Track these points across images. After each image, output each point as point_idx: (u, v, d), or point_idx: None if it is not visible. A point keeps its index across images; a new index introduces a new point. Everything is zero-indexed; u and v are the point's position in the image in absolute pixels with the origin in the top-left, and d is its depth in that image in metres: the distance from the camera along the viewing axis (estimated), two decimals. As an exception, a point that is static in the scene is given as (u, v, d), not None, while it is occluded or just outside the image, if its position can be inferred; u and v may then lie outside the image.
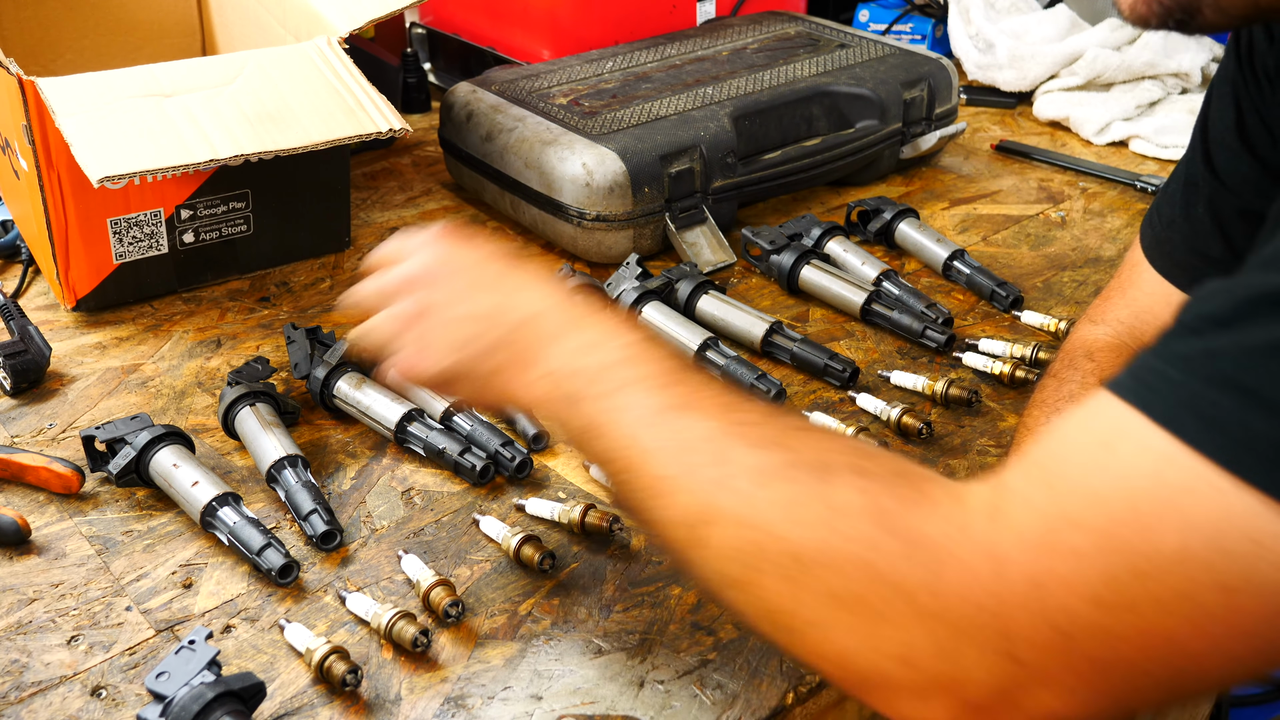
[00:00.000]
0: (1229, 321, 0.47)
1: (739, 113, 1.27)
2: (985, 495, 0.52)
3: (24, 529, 0.83)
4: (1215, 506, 0.45)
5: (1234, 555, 0.45)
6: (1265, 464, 0.44)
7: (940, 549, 0.52)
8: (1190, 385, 0.46)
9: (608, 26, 1.55)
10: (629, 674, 0.74)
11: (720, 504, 0.57)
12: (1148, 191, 1.39)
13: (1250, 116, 0.81)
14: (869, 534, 0.53)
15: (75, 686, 0.72)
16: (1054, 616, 0.48)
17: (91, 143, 0.96)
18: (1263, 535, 0.44)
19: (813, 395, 1.01)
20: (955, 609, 0.50)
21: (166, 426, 0.89)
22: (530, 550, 0.81)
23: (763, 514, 0.56)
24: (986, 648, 0.50)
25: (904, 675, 0.52)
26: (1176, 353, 0.48)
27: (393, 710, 0.71)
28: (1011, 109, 1.66)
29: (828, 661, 0.55)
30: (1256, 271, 0.48)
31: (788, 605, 0.55)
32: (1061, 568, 0.48)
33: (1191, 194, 0.87)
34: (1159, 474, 0.46)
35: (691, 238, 1.23)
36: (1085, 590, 0.47)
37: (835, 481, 0.56)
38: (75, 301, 1.11)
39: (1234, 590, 0.45)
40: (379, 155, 1.51)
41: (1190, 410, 0.46)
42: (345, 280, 1.20)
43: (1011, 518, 0.50)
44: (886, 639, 0.52)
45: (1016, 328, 1.12)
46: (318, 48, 1.12)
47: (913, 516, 0.53)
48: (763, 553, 0.56)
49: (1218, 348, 0.47)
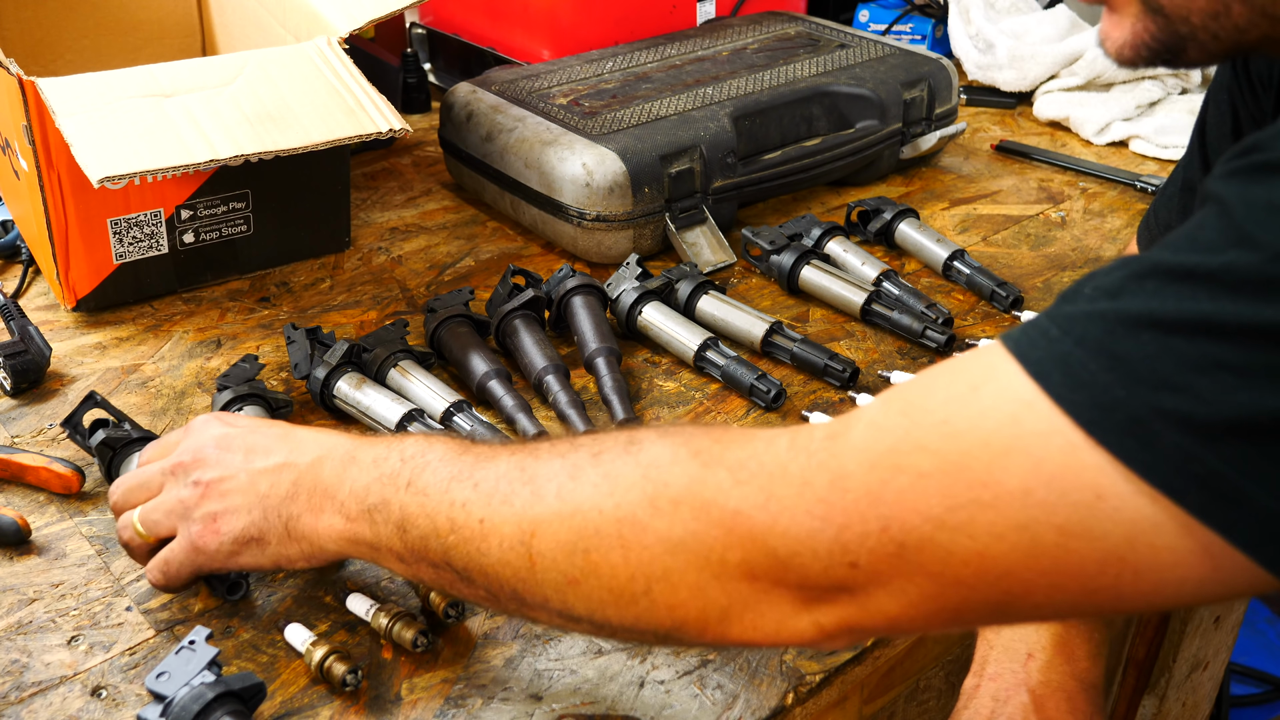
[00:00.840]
0: (1116, 292, 0.49)
1: (739, 113, 1.27)
2: (828, 425, 0.55)
3: (24, 529, 0.83)
4: (1065, 457, 0.47)
5: (1075, 504, 0.47)
6: (1118, 429, 0.46)
7: (772, 468, 0.54)
8: (1065, 344, 0.49)
9: (608, 26, 1.55)
10: (629, 674, 0.74)
11: (540, 512, 0.59)
12: (1148, 192, 1.39)
13: (1246, 122, 0.82)
14: (691, 471, 0.56)
15: (75, 686, 0.72)
16: (891, 529, 0.51)
17: (91, 143, 0.96)
18: (1105, 491, 0.47)
19: (813, 395, 1.01)
20: (792, 521, 0.53)
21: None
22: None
23: (582, 499, 0.58)
24: (825, 557, 0.53)
25: (752, 591, 0.55)
26: (1064, 313, 0.50)
27: (393, 710, 0.71)
28: (1011, 109, 1.66)
29: (681, 609, 0.56)
30: (1156, 250, 0.49)
31: (629, 572, 0.57)
32: (903, 484, 0.51)
33: (1189, 198, 0.87)
34: (1017, 417, 0.49)
35: (691, 238, 1.23)
36: (925, 509, 0.50)
37: (644, 445, 0.59)
38: (75, 302, 1.11)
39: (1070, 534, 0.48)
40: (379, 155, 1.51)
41: (1060, 367, 0.48)
42: (345, 280, 1.20)
43: (854, 438, 0.53)
44: (730, 564, 0.55)
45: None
46: (318, 48, 1.12)
47: (737, 449, 0.56)
48: (593, 533, 0.57)
49: (1098, 312, 0.48)
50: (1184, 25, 0.58)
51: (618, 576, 0.57)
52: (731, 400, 1.01)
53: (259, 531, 0.70)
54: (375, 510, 0.66)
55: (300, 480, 0.70)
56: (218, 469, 0.72)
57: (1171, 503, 0.46)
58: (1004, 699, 0.79)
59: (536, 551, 0.59)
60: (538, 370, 0.99)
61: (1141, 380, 0.46)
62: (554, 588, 0.59)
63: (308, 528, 0.69)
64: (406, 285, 1.20)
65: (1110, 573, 0.48)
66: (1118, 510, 0.47)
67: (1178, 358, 0.46)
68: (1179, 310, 0.46)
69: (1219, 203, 0.48)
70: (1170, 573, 0.48)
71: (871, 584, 0.52)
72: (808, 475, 0.53)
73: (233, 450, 0.72)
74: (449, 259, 1.25)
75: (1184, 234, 0.49)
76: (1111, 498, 0.47)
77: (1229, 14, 0.57)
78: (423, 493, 0.64)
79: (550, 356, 1.00)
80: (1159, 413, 0.46)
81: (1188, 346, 0.45)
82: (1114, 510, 0.47)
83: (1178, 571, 0.48)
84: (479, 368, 0.98)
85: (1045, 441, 0.48)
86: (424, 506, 0.63)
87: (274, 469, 0.70)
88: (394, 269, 1.23)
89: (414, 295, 1.18)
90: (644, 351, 1.08)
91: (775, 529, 0.53)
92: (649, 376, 1.05)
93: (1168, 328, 0.46)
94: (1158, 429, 0.46)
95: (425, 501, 0.63)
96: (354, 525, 0.67)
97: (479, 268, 1.24)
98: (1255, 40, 0.58)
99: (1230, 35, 0.57)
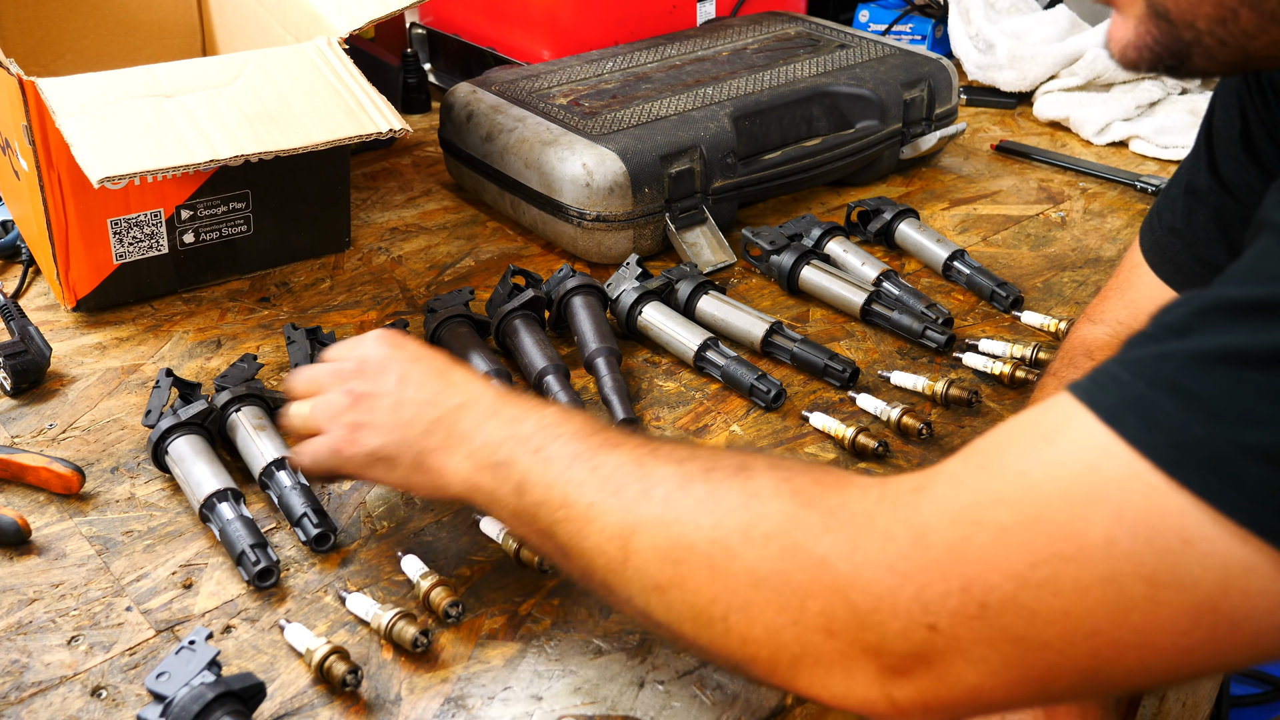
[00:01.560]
0: (1184, 330, 0.48)
1: (739, 113, 1.27)
2: (915, 476, 0.54)
3: (24, 529, 0.83)
4: (1147, 502, 0.46)
5: (1162, 551, 0.46)
6: (1200, 468, 0.45)
7: (860, 519, 0.53)
8: (1137, 386, 0.47)
9: (608, 26, 1.55)
10: (629, 674, 0.74)
11: (643, 512, 0.60)
12: (1148, 192, 1.39)
13: (1256, 129, 0.81)
14: (787, 510, 0.55)
15: (75, 687, 0.72)
16: (973, 588, 0.49)
17: (91, 143, 0.96)
18: (1191, 535, 0.45)
19: (813, 395, 1.01)
20: (874, 576, 0.52)
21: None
22: (530, 550, 0.81)
23: (684, 511, 0.58)
24: (905, 616, 0.51)
25: (827, 647, 0.53)
26: (1132, 357, 0.49)
27: (393, 710, 0.71)
28: (1011, 109, 1.66)
29: (754, 644, 0.56)
30: (1219, 284, 0.49)
31: (712, 594, 0.57)
32: (984, 540, 0.49)
33: (1192, 201, 0.87)
34: (1095, 465, 0.47)
35: (691, 238, 1.23)
36: (1006, 566, 0.48)
37: (754, 474, 0.58)
38: (75, 302, 1.11)
39: (1159, 584, 0.46)
40: (379, 155, 1.51)
41: (1134, 410, 0.47)
42: (345, 280, 1.20)
43: (937, 492, 0.52)
44: (809, 611, 0.53)
45: (1016, 328, 1.12)
46: (318, 48, 1.12)
47: (833, 495, 0.55)
48: (686, 547, 0.57)
49: (1168, 352, 0.47)
50: (1189, 30, 0.57)
51: (700, 596, 0.57)
52: (731, 400, 1.01)
53: (392, 453, 0.73)
54: (500, 466, 0.68)
55: (442, 419, 0.72)
56: (371, 383, 0.75)
57: (1264, 543, 0.44)
58: None
59: (632, 549, 0.60)
60: (538, 370, 0.99)
61: (1219, 416, 0.45)
62: (640, 588, 0.60)
63: (437, 464, 0.71)
64: (406, 285, 1.20)
65: (1204, 625, 0.46)
66: (1207, 555, 0.45)
67: (1255, 390, 0.44)
68: (1251, 343, 0.45)
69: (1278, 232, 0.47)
70: (1269, 619, 0.46)
71: (951, 651, 0.50)
72: (892, 529, 0.52)
73: (389, 372, 0.75)
74: (449, 259, 1.25)
75: (1246, 266, 0.48)
76: (1199, 542, 0.45)
77: (1236, 19, 0.55)
78: (546, 462, 0.66)
79: (550, 356, 1.00)
80: (1241, 448, 0.44)
81: (1264, 379, 0.44)
82: (1203, 555, 0.45)
83: (1277, 618, 0.45)
84: (479, 368, 0.98)
85: (1125, 487, 0.46)
86: (544, 476, 0.65)
87: (421, 402, 0.73)
88: (394, 269, 1.23)
89: (414, 295, 1.18)
90: (644, 351, 1.08)
91: (857, 583, 0.52)
92: (649, 376, 1.04)
93: (1241, 361, 0.45)
94: (1241, 465, 0.44)
95: (546, 471, 0.65)
96: (478, 474, 0.69)
97: (479, 268, 1.24)
98: (1262, 48, 0.56)
99: (1237, 41, 0.56)
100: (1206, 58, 0.58)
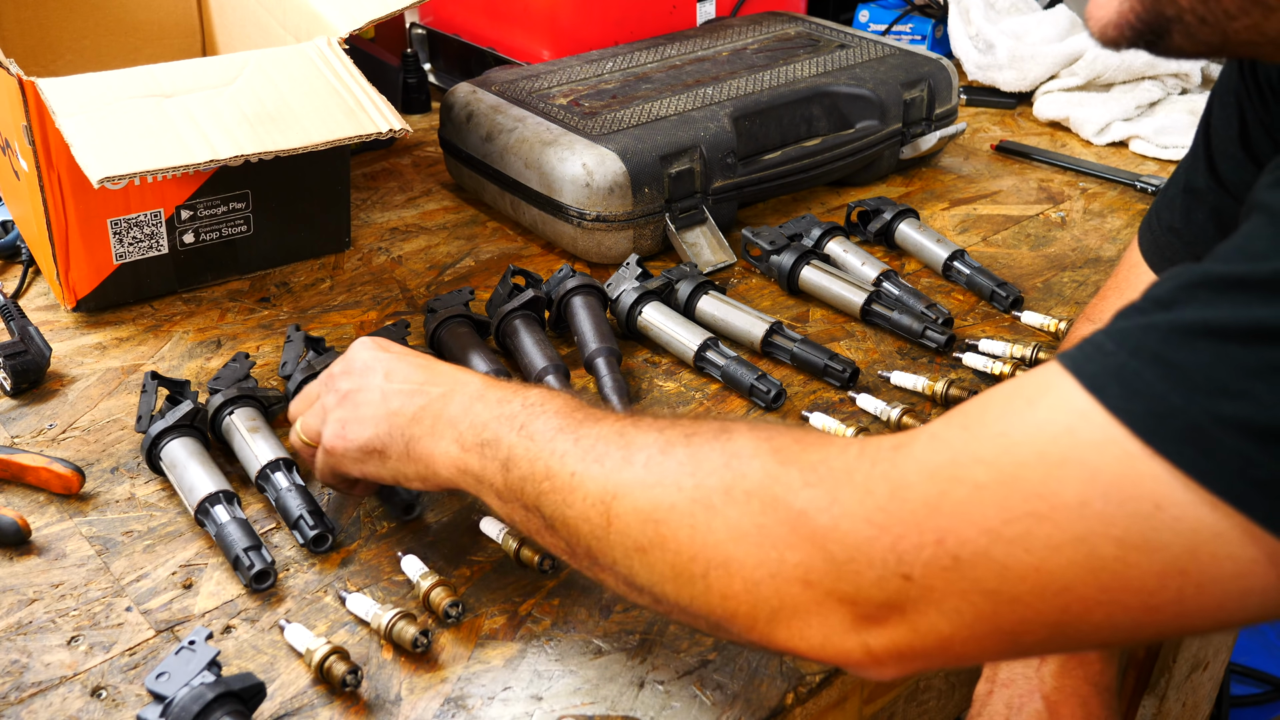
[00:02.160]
0: (1170, 303, 0.49)
1: (739, 113, 1.27)
2: (896, 436, 0.55)
3: (24, 529, 0.83)
4: (1122, 467, 0.47)
5: (1133, 515, 0.47)
6: (1176, 436, 0.46)
7: (839, 473, 0.54)
8: (1120, 356, 0.48)
9: (608, 27, 1.55)
10: (629, 674, 0.74)
11: (625, 477, 0.61)
12: (1148, 192, 1.39)
13: (1255, 128, 0.81)
14: (768, 467, 0.57)
15: (75, 687, 0.72)
16: (947, 541, 0.50)
17: (91, 143, 0.96)
18: (1163, 500, 0.46)
19: (813, 395, 1.01)
20: (850, 528, 0.53)
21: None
22: (530, 550, 0.81)
23: (666, 473, 0.60)
24: (880, 566, 0.52)
25: (805, 597, 0.55)
26: (1118, 328, 0.50)
27: (393, 710, 0.71)
28: (1011, 109, 1.66)
29: (734, 600, 0.57)
30: (1207, 261, 0.49)
31: (693, 552, 0.58)
32: (960, 495, 0.50)
33: (1191, 200, 0.87)
34: (1072, 428, 0.48)
35: (691, 238, 1.23)
36: (981, 521, 0.50)
37: (735, 435, 0.59)
38: (75, 302, 1.11)
39: (1129, 546, 0.47)
40: (379, 155, 1.51)
41: (1115, 378, 0.48)
42: (345, 280, 1.20)
43: (917, 449, 0.53)
44: (787, 563, 0.55)
45: (1016, 328, 1.12)
46: (318, 48, 1.12)
47: (813, 452, 0.57)
48: (668, 507, 0.59)
49: (1152, 324, 0.48)
50: (1170, 6, 0.57)
51: (681, 554, 0.58)
52: (731, 400, 1.01)
53: (382, 444, 0.74)
54: (487, 445, 0.69)
55: (428, 406, 0.73)
56: (358, 381, 0.77)
57: (1233, 510, 0.45)
58: (1018, 706, 0.79)
59: (614, 513, 0.61)
60: (538, 370, 0.99)
61: (1198, 388, 0.46)
62: (623, 552, 0.61)
63: (426, 450, 0.72)
64: (406, 285, 1.20)
65: (1172, 586, 0.47)
66: (1178, 520, 0.46)
67: (1234, 364, 0.45)
68: (1234, 317, 0.46)
69: (1268, 212, 0.48)
70: (1234, 584, 0.47)
71: (925, 601, 0.51)
72: (870, 483, 0.53)
73: (374, 371, 0.77)
74: (449, 259, 1.25)
75: (1234, 244, 0.49)
76: (1171, 507, 0.46)
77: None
78: (530, 437, 0.67)
79: (550, 357, 1.00)
80: (1217, 419, 0.45)
81: (1244, 352, 0.45)
82: (1174, 520, 0.46)
83: (1242, 583, 0.47)
84: (479, 368, 0.98)
85: (1101, 451, 0.47)
86: (529, 450, 0.66)
87: (407, 392, 0.75)
88: (394, 269, 1.23)
89: (414, 295, 1.18)
90: (644, 351, 1.08)
91: (835, 533, 0.53)
92: (649, 376, 1.05)
93: (1223, 335, 0.46)
94: (1216, 435, 0.45)
95: (531, 446, 0.66)
96: (466, 455, 0.70)
97: (479, 268, 1.24)
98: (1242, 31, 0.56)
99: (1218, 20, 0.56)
100: (1186, 36, 0.58)
